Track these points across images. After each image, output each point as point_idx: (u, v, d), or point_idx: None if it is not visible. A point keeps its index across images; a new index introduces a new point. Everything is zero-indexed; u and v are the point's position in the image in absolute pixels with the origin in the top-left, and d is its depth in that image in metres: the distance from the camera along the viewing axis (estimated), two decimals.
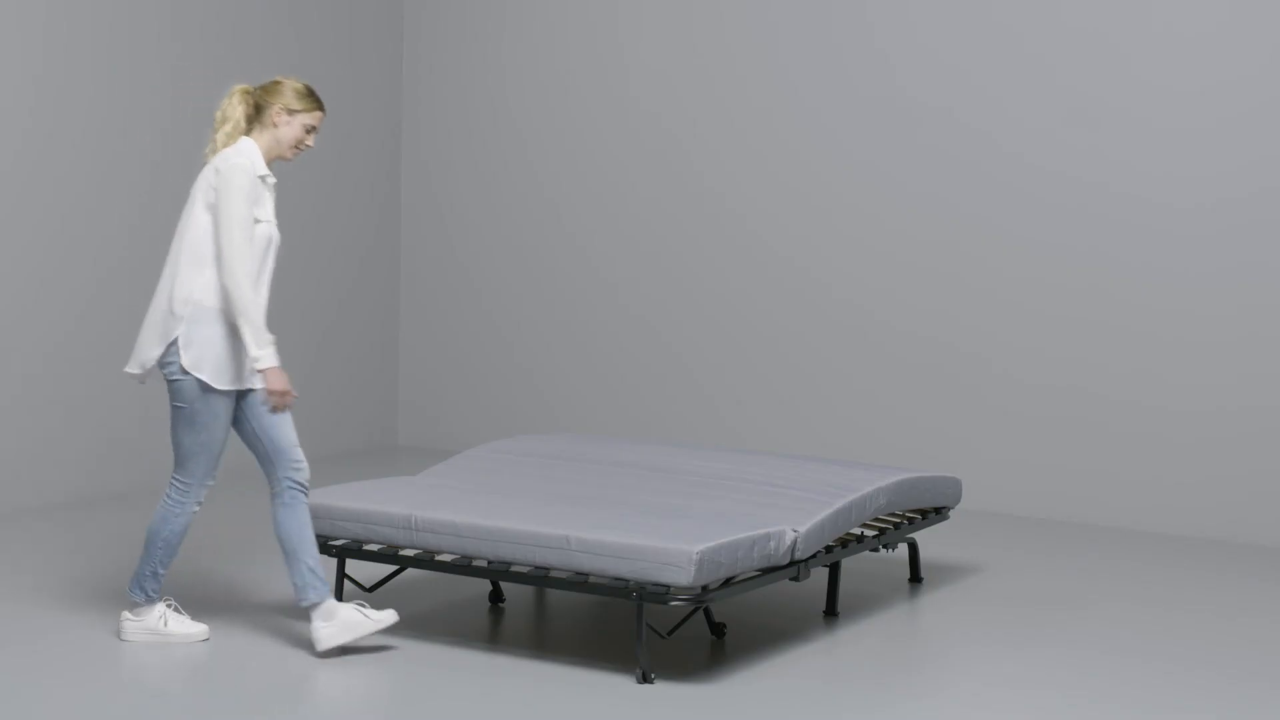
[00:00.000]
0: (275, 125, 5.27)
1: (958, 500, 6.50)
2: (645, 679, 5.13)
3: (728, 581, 5.31)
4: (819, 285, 8.33)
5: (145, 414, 8.00)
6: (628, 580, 5.10)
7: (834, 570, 5.99)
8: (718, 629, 5.64)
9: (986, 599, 6.30)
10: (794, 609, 6.08)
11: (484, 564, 5.91)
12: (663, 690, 5.07)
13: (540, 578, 5.24)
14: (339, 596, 5.77)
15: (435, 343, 9.35)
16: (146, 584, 5.34)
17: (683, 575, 4.99)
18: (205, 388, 5.15)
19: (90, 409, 7.74)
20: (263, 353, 5.10)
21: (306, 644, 5.44)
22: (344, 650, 5.35)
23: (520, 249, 9.10)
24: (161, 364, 5.20)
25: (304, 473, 5.26)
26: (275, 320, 8.64)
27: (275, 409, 5.20)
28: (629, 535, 5.11)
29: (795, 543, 5.41)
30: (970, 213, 7.96)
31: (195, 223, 5.20)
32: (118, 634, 5.45)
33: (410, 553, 5.75)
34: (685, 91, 8.60)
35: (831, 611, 5.99)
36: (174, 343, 5.16)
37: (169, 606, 5.43)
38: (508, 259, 9.14)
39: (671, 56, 8.62)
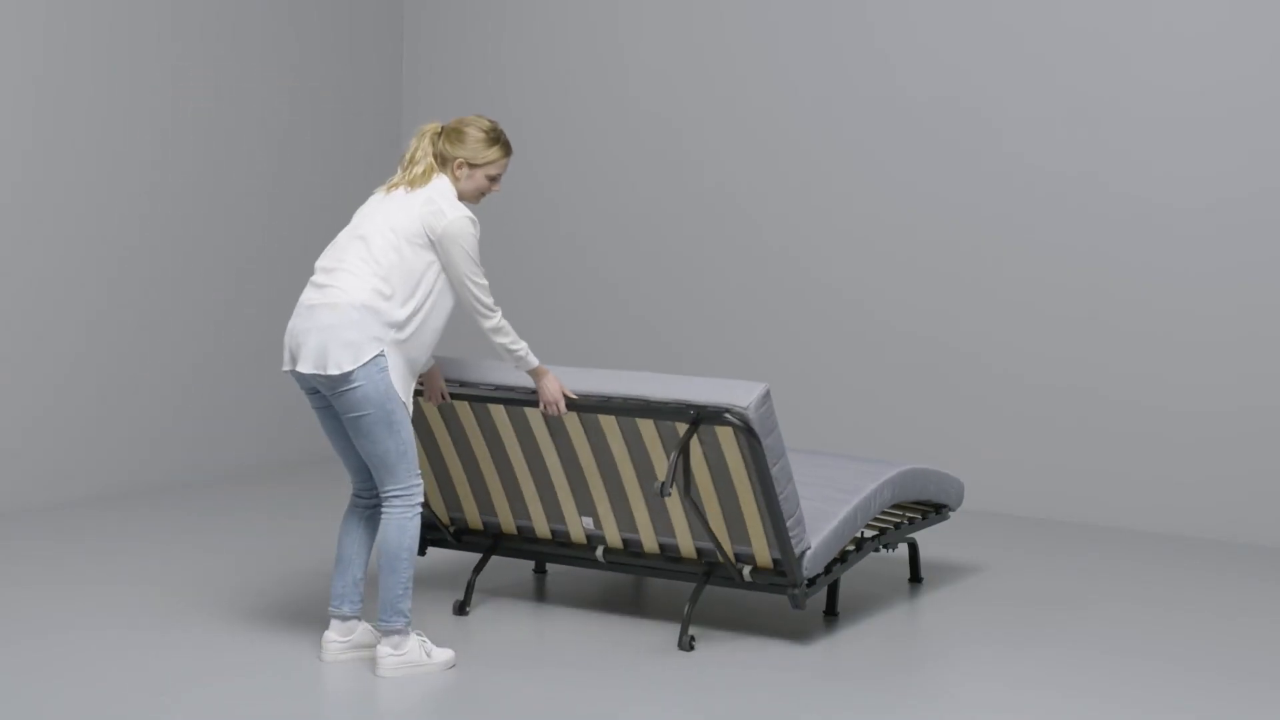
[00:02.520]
0: (457, 179, 5.22)
1: (960, 501, 6.49)
2: (663, 492, 5.18)
3: (736, 559, 5.37)
4: (819, 285, 8.32)
5: (142, 415, 8.00)
6: (689, 403, 5.21)
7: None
8: (687, 641, 5.52)
9: (986, 599, 6.30)
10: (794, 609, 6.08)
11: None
12: (662, 689, 5.07)
13: (599, 405, 5.29)
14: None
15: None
16: (403, 604, 5.12)
17: (745, 396, 5.14)
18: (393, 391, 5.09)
19: (91, 410, 7.74)
20: (523, 359, 5.28)
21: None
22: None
23: (520, 249, 9.10)
24: (353, 373, 5.01)
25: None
26: (275, 319, 8.64)
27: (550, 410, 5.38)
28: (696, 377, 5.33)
29: (803, 557, 5.43)
30: (970, 213, 7.96)
31: (395, 250, 5.10)
32: (374, 671, 5.19)
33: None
34: (685, 91, 8.60)
35: (831, 611, 5.98)
36: (379, 356, 5.00)
37: (418, 635, 5.25)
38: (507, 259, 9.14)
39: (672, 56, 8.62)
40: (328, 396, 5.09)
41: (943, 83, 7.97)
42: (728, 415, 5.13)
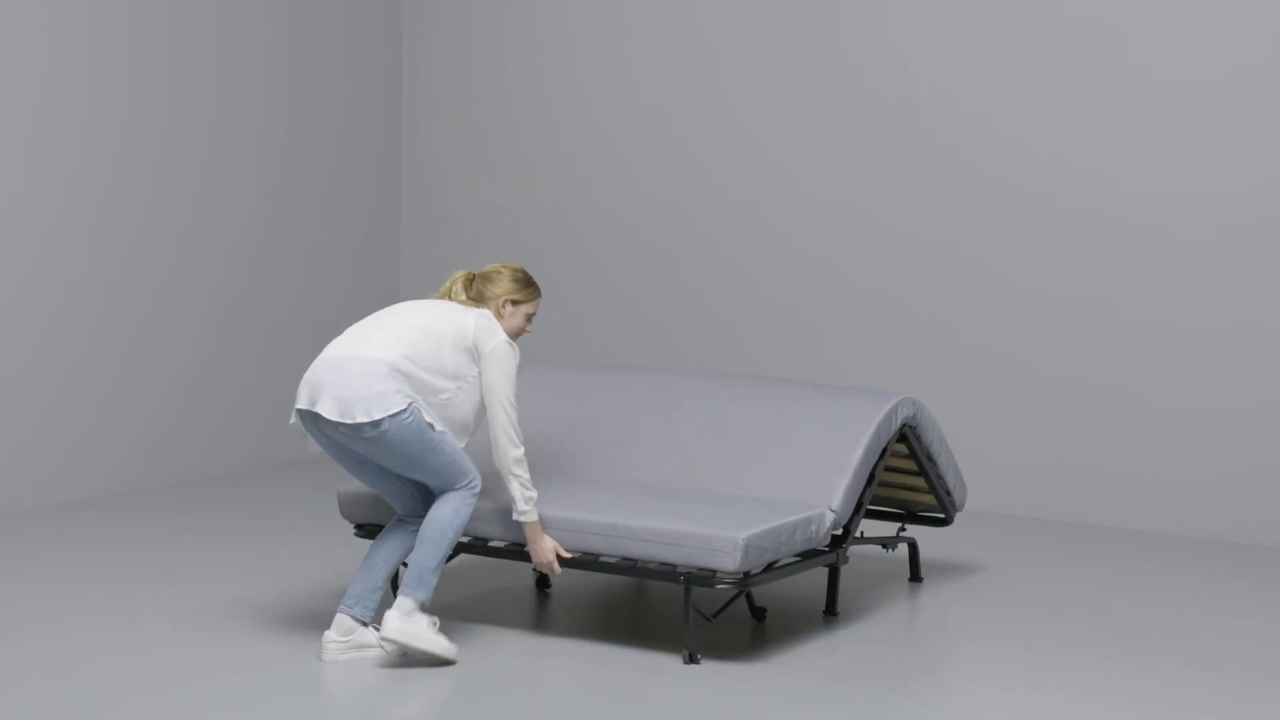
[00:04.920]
0: (501, 315, 5.39)
1: (964, 503, 6.49)
2: (692, 659, 5.30)
3: (770, 566, 5.48)
4: (819, 283, 8.32)
5: (142, 415, 8.00)
6: (675, 565, 5.26)
7: (834, 570, 5.99)
8: (759, 613, 5.84)
9: (986, 599, 6.30)
10: (794, 609, 6.08)
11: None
12: (663, 689, 5.08)
13: (590, 563, 5.38)
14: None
15: None
16: (431, 579, 5.20)
17: (729, 561, 5.17)
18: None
19: (91, 410, 7.74)
20: (529, 509, 5.29)
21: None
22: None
23: (521, 249, 9.10)
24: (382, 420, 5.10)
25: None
26: (275, 319, 8.64)
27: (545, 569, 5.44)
28: (677, 522, 5.28)
29: (834, 523, 5.62)
30: (973, 211, 7.96)
31: (437, 343, 5.23)
32: (379, 641, 5.24)
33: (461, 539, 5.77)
34: (689, 89, 8.59)
35: (831, 611, 5.99)
36: (411, 407, 5.10)
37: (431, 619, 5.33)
38: (508, 259, 9.13)
39: (675, 53, 8.62)
40: (351, 447, 5.17)
41: (945, 81, 7.97)
42: (718, 583, 5.24)
